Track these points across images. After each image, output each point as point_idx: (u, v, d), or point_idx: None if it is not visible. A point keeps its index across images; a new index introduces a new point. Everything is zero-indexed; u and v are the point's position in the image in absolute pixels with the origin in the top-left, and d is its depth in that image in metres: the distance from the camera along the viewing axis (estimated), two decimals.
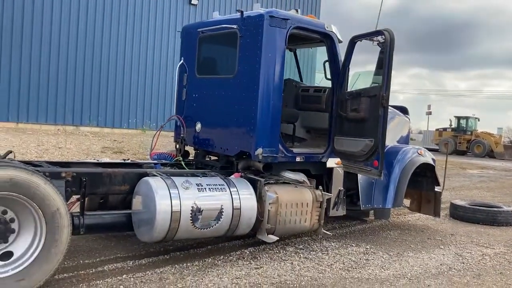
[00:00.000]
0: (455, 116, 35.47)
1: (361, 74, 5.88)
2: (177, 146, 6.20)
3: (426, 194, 7.02)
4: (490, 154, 32.63)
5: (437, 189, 6.94)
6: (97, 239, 5.34)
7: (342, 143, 5.49)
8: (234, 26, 5.45)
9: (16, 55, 15.28)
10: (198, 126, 6.07)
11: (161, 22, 18.87)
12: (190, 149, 6.45)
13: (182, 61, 6.41)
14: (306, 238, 6.05)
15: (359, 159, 5.25)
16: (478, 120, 35.87)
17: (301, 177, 5.70)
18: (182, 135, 6.18)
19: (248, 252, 5.28)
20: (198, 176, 5.12)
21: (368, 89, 5.20)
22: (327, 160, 5.78)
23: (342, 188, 5.94)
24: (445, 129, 35.65)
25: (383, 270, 4.95)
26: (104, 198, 5.16)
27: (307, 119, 6.41)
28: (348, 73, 5.59)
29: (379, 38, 5.15)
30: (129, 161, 6.08)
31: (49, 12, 15.85)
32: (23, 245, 3.82)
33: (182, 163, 5.99)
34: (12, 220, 3.77)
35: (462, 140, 33.27)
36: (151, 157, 6.45)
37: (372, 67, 5.39)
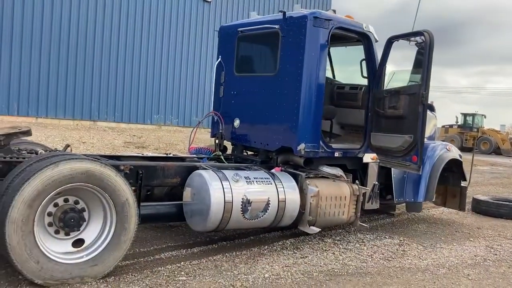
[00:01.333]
0: (462, 113, 35.62)
1: (396, 73, 6.09)
2: (217, 141, 6.42)
3: (452, 189, 7.25)
4: (497, 151, 32.82)
5: (463, 184, 7.17)
6: (143, 230, 5.58)
7: (379, 139, 5.71)
8: (276, 26, 5.67)
9: (35, 52, 15.53)
10: (237, 122, 6.30)
11: (176, 19, 19.08)
12: (227, 144, 6.68)
13: (219, 60, 6.63)
14: (340, 230, 6.29)
15: (397, 155, 5.47)
16: (485, 117, 36.03)
17: (338, 171, 5.93)
18: (220, 131, 6.40)
19: (289, 243, 5.52)
20: (244, 169, 5.37)
21: (407, 87, 5.43)
22: (363, 156, 6.01)
23: (376, 183, 6.17)
24: (451, 126, 35.78)
25: (421, 260, 5.20)
26: (150, 190, 5.39)
27: (342, 116, 6.64)
28: (384, 71, 5.80)
29: (417, 38, 5.37)
30: (171, 155, 6.31)
31: (67, 7, 16.09)
32: (93, 233, 4.07)
33: (222, 157, 6.23)
34: (83, 210, 4.02)
35: (468, 137, 33.40)
36: (190, 151, 6.67)
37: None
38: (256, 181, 5.09)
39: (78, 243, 4.03)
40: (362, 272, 4.66)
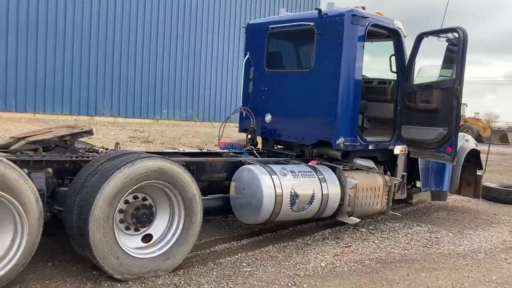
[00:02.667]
0: None
1: (425, 68, 6.31)
2: (249, 136, 6.56)
3: (466, 178, 7.57)
4: (478, 139, 33.68)
5: (479, 173, 7.51)
6: None
7: (411, 131, 5.95)
8: (311, 24, 5.84)
9: (32, 47, 15.33)
10: (268, 117, 6.46)
11: (171, 10, 18.99)
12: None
13: (248, 56, 6.76)
14: (369, 220, 6.54)
15: (430, 147, 5.73)
16: (466, 106, 36.88)
17: (370, 163, 6.16)
18: (252, 126, 6.55)
19: (327, 233, 5.74)
20: (285, 163, 5.55)
21: (440, 82, 5.67)
22: (393, 148, 6.25)
23: (404, 173, 6.43)
24: None
25: (457, 246, 5.49)
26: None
27: (370, 109, 6.86)
28: (414, 66, 6.03)
29: (449, 35, 5.60)
30: (205, 150, 6.44)
31: (62, 2, 15.90)
32: (160, 228, 4.20)
33: (255, 151, 6.39)
34: (151, 206, 4.14)
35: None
36: (220, 146, 6.81)
37: None
38: (301, 175, 5.28)
39: (147, 238, 4.16)
40: (408, 259, 4.91)
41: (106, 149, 4.87)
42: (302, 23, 5.97)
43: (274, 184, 4.95)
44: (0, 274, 3.32)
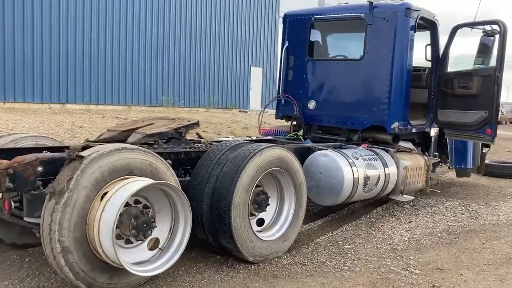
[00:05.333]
0: None
1: (459, 57, 6.85)
2: (294, 123, 6.84)
3: None
4: None
5: (484, 150, 8.29)
6: None
7: (448, 115, 6.50)
8: (361, 15, 6.18)
9: None
10: (312, 104, 6.78)
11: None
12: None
13: (286, 45, 7.00)
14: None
15: (470, 128, 6.31)
16: None
17: (410, 145, 6.69)
18: (295, 113, 6.83)
19: (380, 211, 6.21)
20: (346, 148, 5.91)
21: (481, 70, 6.24)
22: (429, 130, 6.80)
23: (437, 153, 7.02)
24: None
25: (498, 216, 6.16)
26: None
27: None
28: (448, 55, 6.57)
29: (486, 26, 6.16)
30: (254, 137, 6.65)
31: None
32: (270, 213, 4.44)
33: (301, 137, 6.69)
34: (266, 192, 4.34)
35: None
36: (262, 133, 7.03)
37: None
38: (368, 158, 5.68)
39: (260, 222, 4.39)
40: (470, 230, 5.48)
41: (199, 139, 4.95)
42: (351, 14, 6.30)
43: (351, 168, 5.31)
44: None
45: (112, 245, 3.01)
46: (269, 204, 4.35)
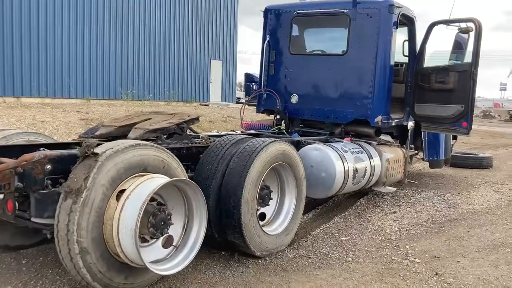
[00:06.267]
0: None
1: (435, 53, 7.09)
2: (277, 116, 6.87)
3: None
4: None
5: (452, 142, 8.67)
6: None
7: (425, 109, 6.74)
8: (344, 10, 6.29)
9: None
10: (295, 98, 6.84)
11: None
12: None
13: (268, 39, 7.02)
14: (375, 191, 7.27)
15: (446, 122, 6.57)
16: None
17: (389, 138, 6.90)
18: (278, 107, 6.87)
19: (364, 203, 6.37)
20: (332, 142, 6.02)
21: (457, 65, 6.50)
22: (407, 123, 7.03)
23: (412, 146, 7.28)
24: None
25: (473, 206, 6.47)
26: None
27: None
28: (425, 51, 6.80)
29: (462, 24, 6.43)
30: (239, 132, 6.63)
31: None
32: (271, 207, 4.46)
33: (284, 131, 6.75)
34: (269, 187, 4.35)
35: None
36: (244, 127, 7.03)
37: None
38: (356, 151, 5.81)
39: (262, 217, 4.41)
40: (452, 219, 5.73)
41: (198, 134, 4.89)
42: (334, 9, 6.39)
43: (342, 161, 5.41)
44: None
45: (135, 245, 2.93)
46: (272, 199, 4.37)
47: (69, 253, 2.96)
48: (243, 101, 16.93)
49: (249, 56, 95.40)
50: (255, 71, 40.66)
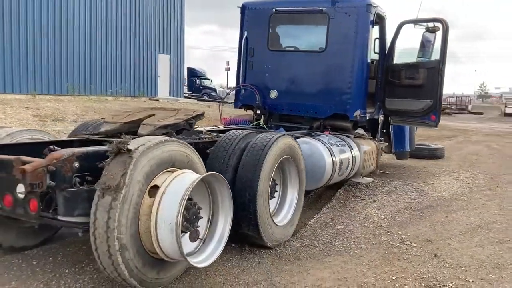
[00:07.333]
0: None
1: (404, 50, 7.50)
2: (258, 112, 7.01)
3: None
4: None
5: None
6: None
7: (395, 103, 7.14)
8: (323, 9, 6.53)
9: None
10: (274, 93, 7.00)
11: None
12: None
13: (246, 35, 7.13)
14: (349, 182, 7.62)
15: (416, 115, 7.00)
16: None
17: (362, 132, 7.27)
18: (257, 102, 7.01)
19: (343, 194, 6.67)
20: (323, 135, 6.25)
21: (426, 62, 6.93)
22: (378, 117, 7.42)
23: (382, 138, 7.69)
24: None
25: (440, 192, 6.97)
26: None
27: None
28: (394, 48, 7.20)
29: (429, 24, 6.87)
30: (221, 127, 6.70)
31: None
32: (276, 199, 4.61)
33: (265, 126, 6.91)
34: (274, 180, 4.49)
35: None
36: (224, 123, 7.11)
37: None
38: (340, 144, 6.09)
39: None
40: (428, 206, 6.16)
41: (200, 130, 4.91)
42: (313, 7, 6.62)
43: (330, 154, 5.66)
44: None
45: (175, 239, 2.98)
46: (277, 191, 4.53)
47: (108, 250, 2.95)
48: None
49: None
50: (199, 65, 40.09)
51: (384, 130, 7.88)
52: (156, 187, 3.17)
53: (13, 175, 3.16)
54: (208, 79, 41.23)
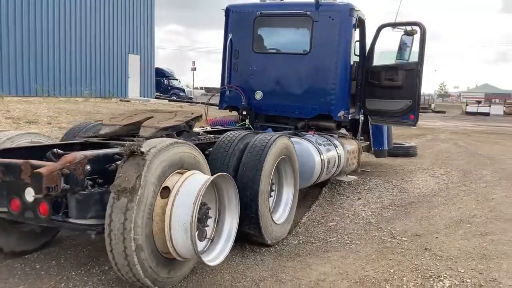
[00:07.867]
0: None
1: (383, 53, 7.76)
2: (244, 112, 7.11)
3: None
4: None
5: None
6: None
7: (375, 103, 7.39)
8: (307, 12, 6.71)
9: None
10: (259, 94, 7.13)
11: None
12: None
13: (230, 37, 7.23)
14: (332, 180, 7.85)
15: (395, 115, 7.27)
16: None
17: (345, 131, 7.49)
18: (243, 103, 7.12)
19: (328, 193, 6.87)
20: (310, 135, 6.41)
21: (405, 64, 7.20)
22: (359, 117, 7.65)
23: (362, 137, 7.94)
24: None
25: (419, 189, 7.27)
26: None
27: None
28: (374, 51, 7.45)
29: (408, 27, 7.15)
30: (209, 128, 6.77)
31: None
32: (272, 198, 4.74)
33: (251, 127, 7.03)
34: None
35: None
36: (209, 123, 7.18)
37: None
38: (327, 144, 6.27)
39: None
40: (411, 202, 6.43)
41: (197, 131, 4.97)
42: (297, 11, 6.78)
43: (319, 153, 5.83)
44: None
45: (190, 239, 3.06)
46: (273, 190, 4.65)
47: (124, 251, 3.00)
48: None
49: None
50: (166, 65, 39.83)
51: (364, 130, 8.15)
52: (167, 188, 3.24)
53: (22, 179, 3.17)
54: (176, 79, 40.86)
